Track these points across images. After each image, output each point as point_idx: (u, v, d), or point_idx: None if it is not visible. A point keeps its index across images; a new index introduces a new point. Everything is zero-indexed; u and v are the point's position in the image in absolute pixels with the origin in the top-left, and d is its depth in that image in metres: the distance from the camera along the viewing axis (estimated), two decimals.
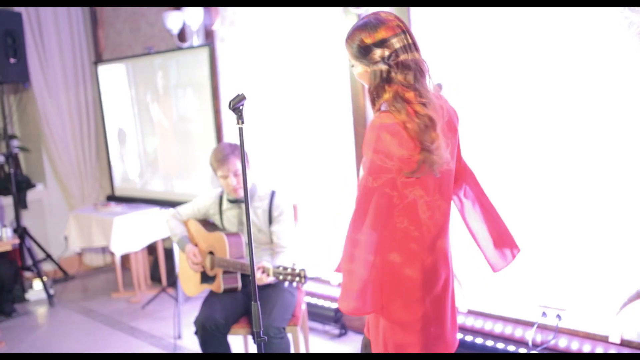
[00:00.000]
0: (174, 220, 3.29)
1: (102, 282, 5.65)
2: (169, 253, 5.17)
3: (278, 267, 2.73)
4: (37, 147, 5.87)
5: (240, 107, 1.85)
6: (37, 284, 5.18)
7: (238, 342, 3.62)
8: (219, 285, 3.02)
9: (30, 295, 5.18)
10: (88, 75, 5.87)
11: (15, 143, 5.62)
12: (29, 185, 5.66)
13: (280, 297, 2.96)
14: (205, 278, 3.15)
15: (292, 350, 3.09)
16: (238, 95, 1.85)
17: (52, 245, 5.80)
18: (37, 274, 5.18)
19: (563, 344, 3.04)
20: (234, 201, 3.13)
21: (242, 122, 1.84)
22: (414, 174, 1.74)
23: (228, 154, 3.01)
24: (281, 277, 2.70)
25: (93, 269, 6.04)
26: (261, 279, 2.73)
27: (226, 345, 2.98)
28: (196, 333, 2.97)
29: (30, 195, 5.72)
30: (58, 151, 5.71)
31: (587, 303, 2.96)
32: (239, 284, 3.04)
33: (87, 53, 5.87)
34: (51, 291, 5.13)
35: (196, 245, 3.21)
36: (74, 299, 5.20)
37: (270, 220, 3.09)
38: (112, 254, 6.08)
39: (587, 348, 2.98)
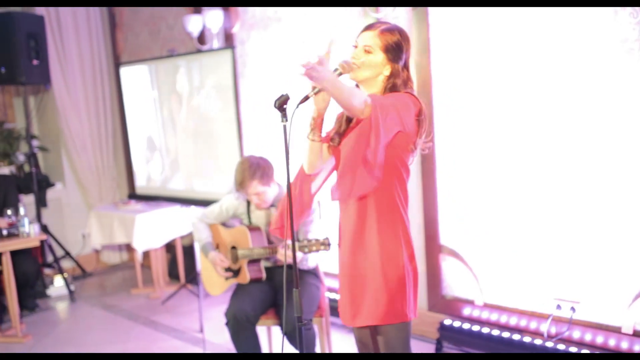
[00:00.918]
0: (201, 224, 3.39)
1: (120, 279, 5.78)
2: (187, 250, 5.30)
3: (302, 240, 2.86)
4: (56, 147, 6.00)
5: (285, 106, 1.97)
6: (58, 281, 5.31)
7: (261, 333, 3.74)
8: (245, 276, 3.15)
9: (51, 291, 5.30)
10: (106, 77, 6.00)
11: (35, 143, 5.75)
12: (48, 184, 5.79)
13: (306, 290, 3.09)
14: (230, 271, 3.28)
15: (318, 341, 3.22)
16: (282, 95, 1.98)
17: (70, 243, 5.92)
18: (59, 271, 5.31)
19: (577, 335, 3.17)
20: None
21: (287, 120, 1.97)
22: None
23: (246, 177, 3.06)
24: (306, 250, 2.83)
25: (110, 267, 6.17)
26: (287, 254, 2.85)
27: (255, 335, 3.11)
28: (227, 324, 3.10)
29: (49, 194, 5.85)
30: (77, 151, 5.84)
31: (600, 295, 3.08)
32: (263, 274, 3.18)
33: (105, 55, 6.01)
34: (72, 287, 5.26)
35: (217, 246, 3.34)
36: (94, 295, 5.33)
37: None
38: (129, 252, 6.23)
39: (600, 339, 3.10)
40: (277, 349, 3.63)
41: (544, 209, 3.22)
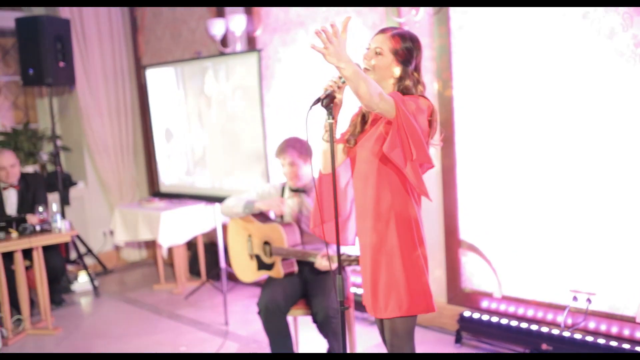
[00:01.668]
0: (234, 197, 3.54)
1: (140, 276, 5.93)
2: (209, 247, 5.46)
3: (342, 254, 2.92)
4: (78, 147, 6.16)
5: (331, 105, 2.13)
6: (82, 276, 5.46)
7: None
8: (279, 272, 3.30)
9: (75, 286, 5.45)
10: (127, 79, 6.17)
11: (58, 143, 5.91)
12: (71, 182, 5.95)
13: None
14: (262, 265, 3.43)
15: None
16: (328, 95, 2.14)
17: (91, 240, 6.07)
18: (83, 266, 5.47)
19: (592, 325, 3.32)
20: (295, 190, 3.42)
21: (332, 118, 2.13)
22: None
23: (287, 146, 3.35)
24: (345, 263, 2.93)
25: (130, 264, 6.33)
26: (325, 265, 3.04)
27: (286, 324, 3.26)
28: (259, 313, 3.25)
29: (72, 193, 6.00)
30: (98, 150, 6.00)
31: (615, 286, 3.23)
32: (296, 268, 3.34)
33: (126, 57, 6.18)
34: (95, 283, 5.41)
35: (250, 236, 3.50)
36: (116, 290, 5.49)
37: None
38: (148, 250, 6.39)
39: (614, 329, 3.25)
40: (302, 339, 3.77)
41: (560, 204, 3.37)
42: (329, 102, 2.13)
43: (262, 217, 3.55)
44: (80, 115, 5.91)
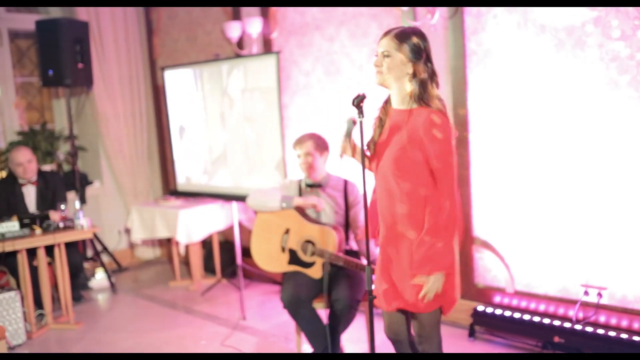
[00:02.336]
0: (264, 190, 3.63)
1: (155, 273, 6.05)
2: (223, 245, 5.58)
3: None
4: (94, 146, 6.28)
5: (362, 105, 2.25)
6: (99, 273, 5.58)
7: None
8: (318, 272, 3.41)
9: (92, 283, 5.57)
10: (142, 80, 6.29)
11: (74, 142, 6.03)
12: (87, 181, 6.07)
13: (357, 274, 3.37)
14: (296, 261, 3.52)
15: (364, 321, 3.48)
16: (359, 95, 2.26)
17: (106, 238, 6.19)
18: (101, 264, 5.59)
19: (603, 319, 3.44)
20: (312, 185, 3.54)
21: (363, 117, 2.25)
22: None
23: (306, 137, 3.50)
24: None
25: (144, 262, 6.44)
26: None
27: (314, 311, 3.37)
28: (285, 307, 3.36)
29: (87, 192, 6.12)
30: (114, 150, 6.13)
31: (626, 280, 3.35)
32: (330, 269, 3.43)
33: (141, 59, 6.30)
34: (113, 279, 5.53)
35: (288, 230, 3.55)
36: (133, 287, 5.60)
37: (347, 204, 3.51)
38: (162, 248, 6.51)
39: (624, 323, 3.37)
40: None
41: (571, 201, 3.48)
42: (361, 101, 2.26)
43: (306, 215, 3.58)
44: (97, 115, 6.03)
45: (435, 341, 2.48)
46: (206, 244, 5.73)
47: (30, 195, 4.93)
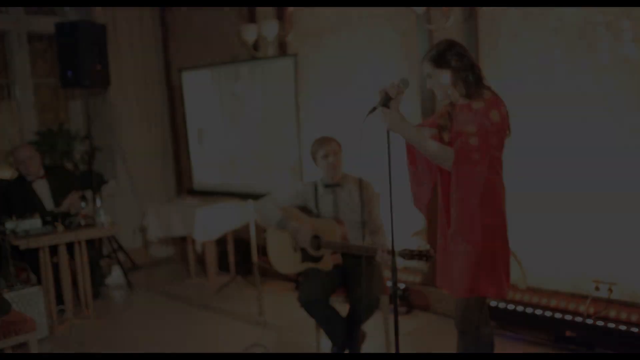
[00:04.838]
0: (270, 204, 3.69)
1: (169, 271, 6.16)
2: (238, 243, 5.69)
3: (404, 249, 2.97)
4: (109, 146, 6.39)
5: (388, 104, 2.37)
6: (115, 270, 5.69)
7: None
8: (328, 264, 3.51)
9: (108, 280, 5.68)
10: (158, 81, 6.42)
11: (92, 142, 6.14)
12: (103, 181, 6.18)
13: (377, 269, 3.48)
14: (307, 257, 3.63)
15: (381, 316, 3.58)
16: (385, 96, 2.37)
17: (121, 237, 6.29)
18: (117, 261, 5.70)
19: (613, 313, 3.54)
20: (329, 186, 3.64)
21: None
22: None
23: (328, 138, 3.61)
24: (407, 258, 2.96)
25: (158, 260, 6.55)
26: (387, 259, 3.12)
27: (331, 309, 3.46)
28: (302, 306, 3.46)
29: (103, 191, 6.23)
30: (130, 150, 6.25)
31: (636, 276, 3.45)
32: (341, 261, 3.54)
33: (157, 61, 6.42)
34: (128, 277, 5.64)
35: None
36: (148, 284, 5.70)
37: (363, 202, 3.60)
38: (175, 247, 6.61)
39: (634, 317, 3.47)
40: None
41: (584, 200, 3.59)
42: (386, 102, 2.37)
43: (308, 212, 3.67)
44: (112, 116, 6.15)
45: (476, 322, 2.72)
46: (220, 241, 5.83)
47: (42, 189, 4.92)
